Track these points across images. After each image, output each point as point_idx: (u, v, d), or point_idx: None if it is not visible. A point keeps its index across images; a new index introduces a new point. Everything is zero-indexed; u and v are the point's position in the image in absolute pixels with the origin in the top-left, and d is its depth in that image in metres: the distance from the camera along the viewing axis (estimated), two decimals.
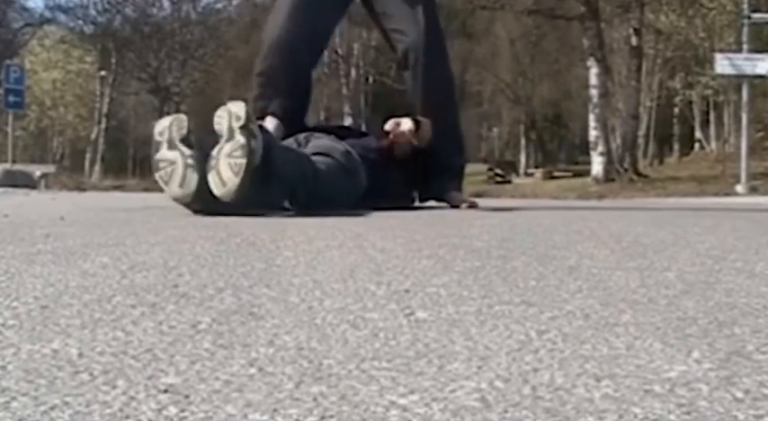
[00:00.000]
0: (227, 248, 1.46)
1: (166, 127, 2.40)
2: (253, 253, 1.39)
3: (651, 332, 0.78)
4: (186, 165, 2.34)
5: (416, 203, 3.09)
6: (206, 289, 1.01)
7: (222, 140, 2.32)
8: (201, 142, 2.45)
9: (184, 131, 2.39)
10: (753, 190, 13.22)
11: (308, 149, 2.70)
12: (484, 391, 0.59)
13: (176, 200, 2.34)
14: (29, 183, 14.53)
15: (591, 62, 17.51)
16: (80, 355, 0.69)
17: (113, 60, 31.66)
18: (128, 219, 2.28)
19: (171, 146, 2.38)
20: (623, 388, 0.60)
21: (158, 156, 2.39)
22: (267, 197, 2.38)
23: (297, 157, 2.58)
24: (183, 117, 2.45)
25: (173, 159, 2.36)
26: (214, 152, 2.32)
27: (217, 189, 2.28)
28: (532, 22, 27.42)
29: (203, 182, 2.31)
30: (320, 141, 2.75)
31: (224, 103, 2.50)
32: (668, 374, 0.64)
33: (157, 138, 2.40)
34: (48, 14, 33.47)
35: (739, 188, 13.58)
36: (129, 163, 31.52)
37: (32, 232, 1.77)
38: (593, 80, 17.50)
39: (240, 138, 2.28)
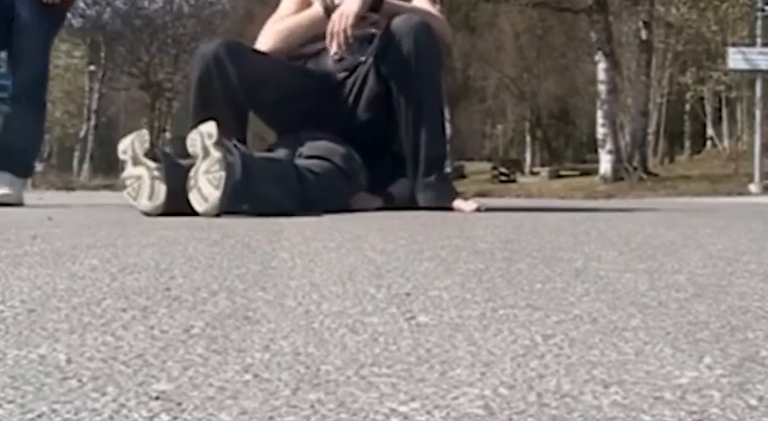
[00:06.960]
0: (222, 250, 1.45)
1: (128, 145, 2.47)
2: (248, 254, 1.37)
3: (661, 337, 0.76)
4: (153, 178, 2.39)
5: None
6: (199, 292, 0.99)
7: (198, 160, 2.34)
8: (170, 151, 2.50)
9: (147, 146, 2.45)
10: (767, 189, 13.21)
11: (305, 150, 2.70)
12: (487, 398, 0.57)
13: (147, 213, 2.36)
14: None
15: (599, 57, 17.48)
16: (68, 361, 0.67)
17: (103, 55, 31.37)
18: (118, 220, 2.28)
19: (135, 162, 2.43)
20: (632, 394, 0.58)
21: (125, 174, 2.47)
22: (252, 208, 2.37)
23: (278, 167, 2.57)
24: (144, 132, 2.52)
25: (138, 174, 2.42)
26: (192, 173, 2.35)
27: (199, 206, 2.32)
28: (538, 14, 27.39)
29: (172, 192, 2.35)
30: (319, 143, 2.74)
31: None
32: (679, 381, 0.62)
33: (122, 156, 2.47)
34: None
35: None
36: (119, 161, 31.53)
37: (19, 233, 1.76)
38: (602, 75, 17.46)
39: (215, 154, 2.32)
